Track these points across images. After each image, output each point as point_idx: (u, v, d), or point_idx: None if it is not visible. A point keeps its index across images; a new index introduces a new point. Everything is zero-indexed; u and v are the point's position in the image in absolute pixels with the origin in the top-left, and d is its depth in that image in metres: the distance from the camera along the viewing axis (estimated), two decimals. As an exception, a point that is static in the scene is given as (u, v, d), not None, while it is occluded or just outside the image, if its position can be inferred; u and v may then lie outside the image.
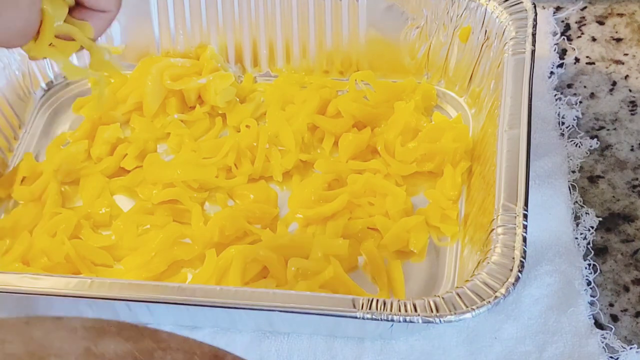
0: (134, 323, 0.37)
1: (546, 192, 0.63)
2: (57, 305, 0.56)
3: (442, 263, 0.61)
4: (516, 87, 0.61)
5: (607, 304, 0.58)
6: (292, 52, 0.74)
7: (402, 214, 0.63)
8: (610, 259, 0.61)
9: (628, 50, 0.76)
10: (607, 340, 0.56)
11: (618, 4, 0.79)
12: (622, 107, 0.71)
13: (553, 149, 0.67)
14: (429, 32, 0.71)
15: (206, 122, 0.71)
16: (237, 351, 0.55)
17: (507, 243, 0.52)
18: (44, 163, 0.68)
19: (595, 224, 0.62)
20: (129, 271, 0.61)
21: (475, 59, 0.69)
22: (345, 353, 0.55)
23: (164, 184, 0.65)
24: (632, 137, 0.69)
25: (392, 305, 0.50)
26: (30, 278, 0.53)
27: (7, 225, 0.64)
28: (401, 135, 0.67)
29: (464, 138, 0.66)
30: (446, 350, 0.55)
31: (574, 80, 0.73)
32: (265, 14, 0.73)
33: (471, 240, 0.59)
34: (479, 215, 0.58)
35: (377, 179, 0.64)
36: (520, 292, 0.58)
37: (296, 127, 0.68)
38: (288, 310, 0.51)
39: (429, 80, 0.73)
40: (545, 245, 0.60)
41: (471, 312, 0.49)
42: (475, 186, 0.62)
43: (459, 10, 0.69)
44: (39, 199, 0.66)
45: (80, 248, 0.62)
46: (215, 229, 0.62)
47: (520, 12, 0.67)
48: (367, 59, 0.74)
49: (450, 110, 0.72)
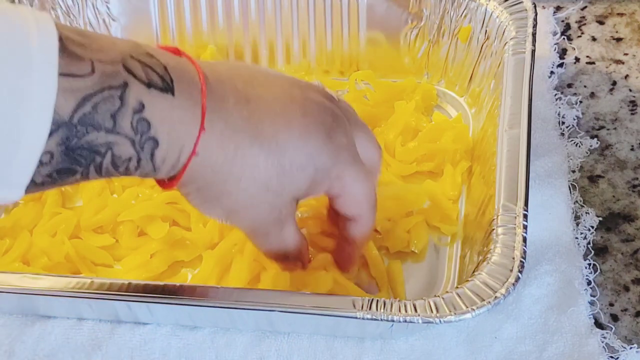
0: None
1: (546, 192, 0.63)
2: (57, 305, 0.57)
3: (442, 263, 0.61)
4: (516, 86, 0.61)
5: (607, 304, 0.58)
6: (292, 52, 0.74)
7: (402, 215, 0.62)
8: (611, 259, 0.61)
9: (628, 50, 0.75)
10: (607, 339, 0.56)
11: (618, 4, 0.79)
12: (622, 107, 0.71)
13: (553, 148, 0.67)
14: (429, 32, 0.71)
15: (206, 122, 0.71)
16: (237, 351, 0.56)
17: (507, 243, 0.52)
18: (44, 163, 0.68)
19: (595, 223, 0.62)
20: (129, 271, 0.61)
21: (475, 59, 0.69)
22: (345, 353, 0.55)
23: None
24: (632, 137, 0.69)
25: (392, 306, 0.50)
26: (30, 278, 0.53)
27: (7, 225, 0.64)
28: (401, 135, 0.67)
29: (464, 138, 0.66)
30: (446, 350, 0.55)
31: (574, 80, 0.73)
32: (265, 14, 0.73)
33: (471, 240, 0.59)
34: (479, 215, 0.58)
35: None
36: (520, 292, 0.58)
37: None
38: (288, 311, 0.51)
39: (429, 80, 0.73)
40: (545, 245, 0.60)
41: (471, 312, 0.49)
42: (475, 186, 0.62)
43: (459, 10, 0.70)
44: (39, 199, 0.66)
45: (80, 248, 0.62)
46: (215, 230, 0.62)
47: (520, 12, 0.67)
48: (367, 59, 0.74)
49: (450, 110, 0.72)
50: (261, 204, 0.48)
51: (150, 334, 0.57)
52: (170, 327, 0.57)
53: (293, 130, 0.47)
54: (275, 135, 0.47)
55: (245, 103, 0.46)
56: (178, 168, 0.44)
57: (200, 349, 0.56)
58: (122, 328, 0.57)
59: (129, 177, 0.44)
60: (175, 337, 0.56)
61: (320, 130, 0.49)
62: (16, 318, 0.58)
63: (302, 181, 0.49)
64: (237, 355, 0.56)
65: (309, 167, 0.48)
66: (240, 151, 0.45)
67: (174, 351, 0.56)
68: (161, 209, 0.63)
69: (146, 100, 0.41)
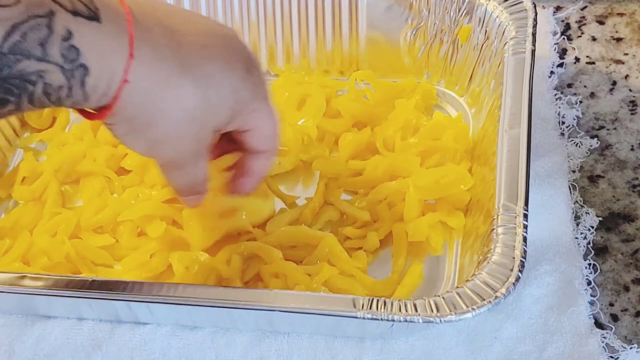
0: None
1: (546, 192, 0.63)
2: (57, 305, 0.57)
3: (442, 263, 0.61)
4: (516, 86, 0.61)
5: (607, 304, 0.58)
6: (292, 52, 0.74)
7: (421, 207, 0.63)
8: (611, 259, 0.61)
9: (628, 50, 0.76)
10: (607, 339, 0.56)
11: (618, 4, 0.79)
12: (622, 107, 0.71)
13: (553, 148, 0.67)
14: (429, 32, 0.71)
15: (206, 122, 0.71)
16: (237, 351, 0.56)
17: (507, 243, 0.52)
18: (44, 163, 0.68)
19: (595, 223, 0.62)
20: (128, 271, 0.61)
21: (475, 59, 0.69)
22: (345, 352, 0.55)
23: (163, 183, 0.65)
24: (632, 137, 0.69)
25: (392, 305, 0.50)
26: (30, 278, 0.53)
27: (7, 225, 0.64)
28: (401, 131, 0.67)
29: (465, 138, 0.66)
30: (446, 349, 0.55)
31: (574, 80, 0.73)
32: (265, 14, 0.73)
33: (471, 240, 0.59)
34: (479, 215, 0.58)
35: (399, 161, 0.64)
36: (521, 291, 0.58)
37: (298, 128, 0.68)
38: (288, 310, 0.51)
39: (429, 80, 0.73)
40: (546, 244, 0.60)
41: (471, 312, 0.49)
42: (475, 186, 0.62)
43: (459, 10, 0.69)
44: (39, 199, 0.66)
45: (80, 248, 0.62)
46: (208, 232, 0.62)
47: (520, 12, 0.67)
48: (367, 59, 0.74)
49: (450, 109, 0.72)
50: (186, 135, 0.49)
51: (150, 334, 0.57)
52: (170, 327, 0.57)
53: (217, 62, 0.49)
54: (201, 66, 0.48)
55: (170, 35, 0.47)
56: (110, 96, 0.45)
57: (200, 349, 0.56)
58: (122, 328, 0.57)
59: (61, 107, 0.45)
60: (175, 337, 0.56)
61: (241, 64, 0.50)
62: (16, 318, 0.58)
63: (224, 113, 0.50)
64: (237, 355, 0.56)
65: (230, 100, 0.49)
66: (170, 80, 0.46)
67: (174, 351, 0.56)
68: (160, 209, 0.63)
69: (73, 27, 0.42)
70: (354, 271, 0.59)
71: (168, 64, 0.46)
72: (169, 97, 0.47)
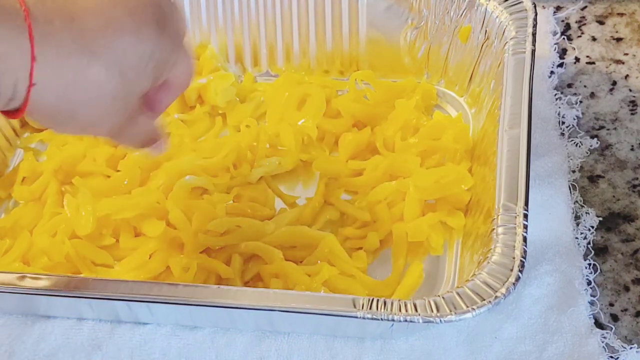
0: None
1: (546, 192, 0.63)
2: (57, 305, 0.57)
3: (442, 263, 0.61)
4: (516, 86, 0.61)
5: (607, 304, 0.58)
6: (292, 52, 0.74)
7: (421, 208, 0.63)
8: (611, 259, 0.61)
9: (628, 50, 0.76)
10: (607, 339, 0.56)
11: (618, 4, 0.79)
12: (622, 107, 0.71)
13: (553, 148, 0.67)
14: (429, 32, 0.71)
15: (206, 122, 0.71)
16: (237, 351, 0.56)
17: (507, 243, 0.52)
18: (44, 163, 0.68)
19: (595, 223, 0.62)
20: (127, 272, 0.61)
21: (475, 59, 0.69)
22: (345, 353, 0.55)
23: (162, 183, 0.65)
24: (632, 137, 0.69)
25: (392, 305, 0.50)
26: (30, 278, 0.53)
27: (7, 225, 0.64)
28: (401, 131, 0.67)
29: (465, 138, 0.66)
30: (446, 349, 0.55)
31: (574, 80, 0.73)
32: (265, 14, 0.73)
33: (471, 240, 0.59)
34: (479, 215, 0.58)
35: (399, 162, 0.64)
36: (521, 291, 0.58)
37: (298, 128, 0.68)
38: (288, 310, 0.51)
39: (429, 80, 0.73)
40: (546, 245, 0.60)
41: (472, 312, 0.49)
42: (475, 186, 0.62)
43: (459, 10, 0.69)
44: (39, 199, 0.66)
45: (80, 248, 0.62)
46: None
47: (520, 12, 0.67)
48: (367, 59, 0.74)
49: (450, 110, 0.72)
50: (113, 113, 0.48)
51: (150, 334, 0.57)
52: (170, 327, 0.57)
53: (125, 34, 0.47)
54: (109, 46, 0.46)
55: (70, 21, 0.46)
56: (19, 100, 0.44)
57: (200, 349, 0.56)
58: (122, 328, 0.57)
59: None
60: (175, 337, 0.56)
61: (152, 24, 0.48)
62: (16, 318, 0.58)
63: (145, 80, 0.49)
64: (237, 355, 0.56)
65: (149, 65, 0.48)
66: (80, 71, 0.45)
67: (174, 351, 0.56)
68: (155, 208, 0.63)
69: None
70: (354, 271, 0.59)
71: (75, 56, 0.45)
72: (84, 88, 0.45)
